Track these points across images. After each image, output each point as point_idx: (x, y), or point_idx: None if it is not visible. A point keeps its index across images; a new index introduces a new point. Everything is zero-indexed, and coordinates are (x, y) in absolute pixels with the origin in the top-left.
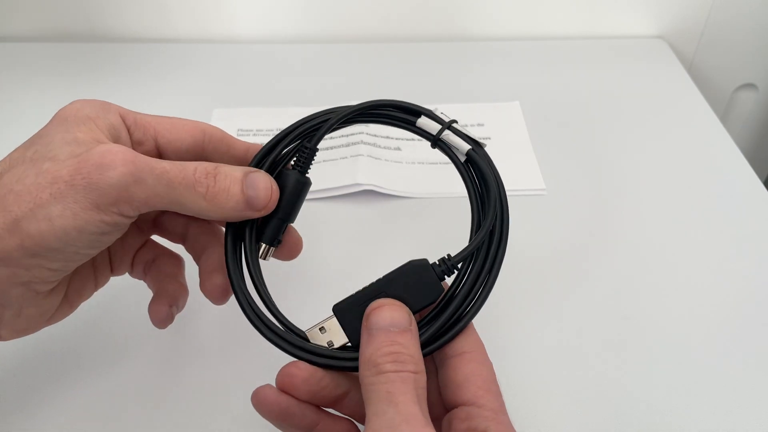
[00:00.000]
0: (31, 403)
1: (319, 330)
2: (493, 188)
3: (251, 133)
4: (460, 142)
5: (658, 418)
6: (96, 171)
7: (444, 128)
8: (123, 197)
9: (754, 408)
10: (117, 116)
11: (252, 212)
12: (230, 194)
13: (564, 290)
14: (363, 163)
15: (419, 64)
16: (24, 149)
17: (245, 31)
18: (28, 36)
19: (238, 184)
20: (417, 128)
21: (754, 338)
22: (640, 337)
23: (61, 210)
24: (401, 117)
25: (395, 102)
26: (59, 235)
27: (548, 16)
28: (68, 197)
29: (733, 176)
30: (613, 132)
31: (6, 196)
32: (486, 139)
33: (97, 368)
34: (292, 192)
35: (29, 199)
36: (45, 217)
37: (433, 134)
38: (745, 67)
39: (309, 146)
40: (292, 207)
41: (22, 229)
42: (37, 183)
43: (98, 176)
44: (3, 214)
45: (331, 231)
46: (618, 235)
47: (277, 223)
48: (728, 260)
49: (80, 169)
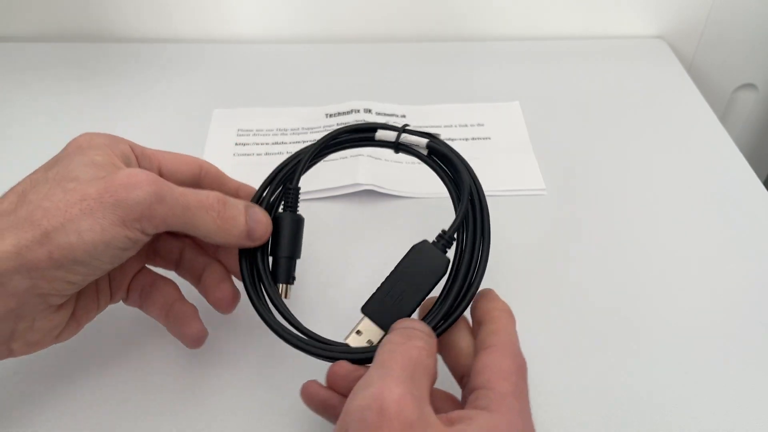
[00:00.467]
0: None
1: (356, 333)
2: (459, 165)
3: (251, 133)
4: (418, 139)
5: (658, 418)
6: (123, 190)
7: (399, 133)
8: (146, 215)
9: (753, 408)
10: (127, 146)
11: (249, 242)
12: (236, 222)
13: (563, 290)
14: (363, 163)
15: (419, 64)
16: (44, 171)
17: (245, 31)
18: (28, 36)
19: (242, 214)
20: (377, 141)
21: (754, 338)
22: (640, 337)
23: (90, 224)
24: (361, 137)
25: (350, 127)
26: (87, 248)
27: (548, 16)
28: (97, 213)
29: (732, 176)
30: (612, 132)
31: (35, 212)
32: (486, 139)
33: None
34: (292, 231)
35: (59, 214)
36: (75, 230)
37: (393, 141)
38: (745, 67)
39: (292, 186)
40: (296, 244)
41: (52, 241)
42: (65, 200)
43: (125, 194)
44: (33, 228)
45: (331, 231)
46: (618, 235)
47: (287, 262)
48: (728, 260)
49: (108, 188)
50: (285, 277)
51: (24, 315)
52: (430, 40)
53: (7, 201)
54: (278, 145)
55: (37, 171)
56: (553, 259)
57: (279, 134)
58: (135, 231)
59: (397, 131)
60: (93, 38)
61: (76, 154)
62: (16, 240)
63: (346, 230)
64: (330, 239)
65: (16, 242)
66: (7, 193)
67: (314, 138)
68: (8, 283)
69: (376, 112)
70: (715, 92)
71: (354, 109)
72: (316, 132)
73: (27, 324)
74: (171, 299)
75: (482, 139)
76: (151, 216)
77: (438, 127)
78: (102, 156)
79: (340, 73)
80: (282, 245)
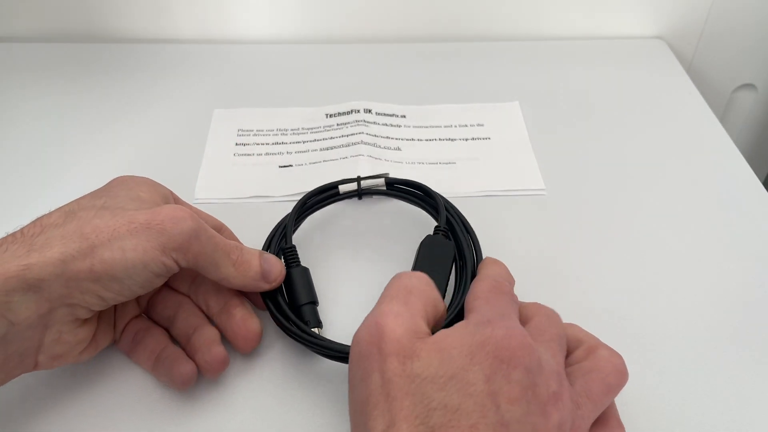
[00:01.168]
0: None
1: None
2: (414, 182)
3: (251, 133)
4: (375, 181)
5: (658, 418)
6: (170, 221)
7: (358, 182)
8: (184, 247)
9: (753, 407)
10: (167, 190)
11: (264, 284)
12: (251, 265)
13: (563, 290)
14: (363, 163)
15: (419, 64)
16: (92, 198)
17: (245, 32)
18: (28, 36)
19: (257, 258)
20: (342, 194)
21: (754, 338)
22: (640, 337)
23: (134, 244)
24: (327, 195)
25: (316, 190)
26: (127, 266)
27: (548, 16)
28: (142, 235)
29: (732, 176)
30: (612, 132)
31: (84, 226)
32: (486, 140)
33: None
34: (304, 280)
35: (108, 232)
36: (119, 247)
37: (355, 189)
38: (745, 67)
39: (287, 246)
40: (312, 291)
41: (96, 254)
42: (115, 220)
43: (171, 225)
44: (81, 240)
45: (331, 231)
46: (617, 235)
47: (311, 308)
48: (727, 260)
49: (155, 217)
50: (315, 322)
51: (52, 324)
52: (430, 40)
53: (55, 216)
54: (278, 145)
55: (83, 198)
56: (553, 259)
57: (279, 134)
58: (170, 260)
59: (357, 180)
60: (93, 38)
61: (122, 188)
62: (63, 249)
63: (346, 230)
64: (330, 239)
65: (62, 251)
66: (53, 211)
67: (314, 138)
68: (46, 289)
69: (376, 112)
70: (715, 92)
71: (354, 109)
72: (316, 132)
73: (54, 336)
74: (162, 344)
75: (482, 139)
76: (187, 249)
77: (438, 127)
78: (146, 193)
79: (340, 73)
80: (301, 294)
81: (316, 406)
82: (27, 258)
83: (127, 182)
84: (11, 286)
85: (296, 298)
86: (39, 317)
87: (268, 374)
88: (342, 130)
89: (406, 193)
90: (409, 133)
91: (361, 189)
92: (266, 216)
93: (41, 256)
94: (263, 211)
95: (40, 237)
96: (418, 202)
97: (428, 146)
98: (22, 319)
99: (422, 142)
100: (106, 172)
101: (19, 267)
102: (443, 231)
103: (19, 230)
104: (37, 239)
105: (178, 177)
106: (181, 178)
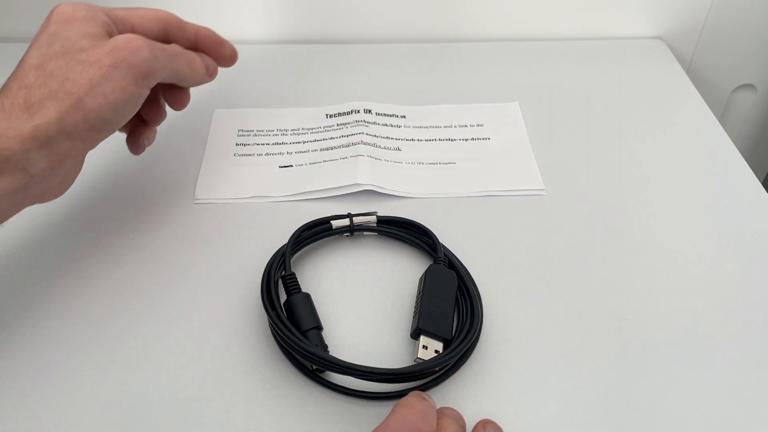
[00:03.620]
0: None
1: (423, 348)
2: (402, 219)
3: (252, 133)
4: (366, 218)
5: (658, 418)
6: (130, 54)
7: (350, 218)
8: (149, 72)
9: (752, 407)
10: (104, 15)
11: (209, 78)
12: (197, 63)
13: (562, 291)
14: (363, 163)
15: (419, 64)
16: (47, 46)
17: (245, 31)
18: (28, 36)
19: (198, 58)
20: (335, 229)
21: (753, 338)
22: (640, 337)
23: (112, 87)
24: (320, 229)
25: (308, 224)
26: (113, 107)
27: (547, 17)
28: (115, 76)
29: (731, 176)
30: (611, 132)
31: (65, 83)
32: (485, 140)
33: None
34: (306, 306)
35: (85, 83)
36: (101, 94)
37: (347, 225)
38: (744, 67)
39: (286, 273)
40: (315, 316)
41: (84, 105)
42: (87, 71)
43: (133, 57)
44: (67, 97)
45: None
46: (617, 235)
47: (316, 333)
48: (727, 260)
49: (117, 54)
50: (323, 346)
51: (60, 173)
52: (430, 40)
53: (31, 76)
54: (279, 146)
55: (38, 46)
56: (553, 259)
57: (279, 134)
58: (143, 87)
59: (348, 216)
60: None
61: (68, 28)
62: (58, 108)
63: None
64: (330, 239)
65: (58, 110)
66: (23, 68)
67: (314, 138)
68: (54, 145)
69: (376, 112)
70: (714, 93)
71: (354, 110)
72: (316, 132)
73: (60, 180)
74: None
75: (482, 139)
76: (152, 71)
77: (438, 127)
78: (92, 28)
79: (340, 73)
80: (305, 320)
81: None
82: (32, 120)
83: (68, 21)
84: (28, 146)
85: (302, 323)
86: (51, 169)
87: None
88: (342, 130)
89: (393, 229)
90: (409, 134)
91: (354, 225)
92: (266, 216)
93: (43, 118)
94: (263, 211)
95: (34, 100)
96: (408, 236)
97: (428, 146)
98: (39, 171)
99: (422, 142)
100: (106, 172)
101: (29, 128)
102: (443, 261)
103: (5, 96)
104: (33, 102)
105: (179, 177)
106: (181, 178)
